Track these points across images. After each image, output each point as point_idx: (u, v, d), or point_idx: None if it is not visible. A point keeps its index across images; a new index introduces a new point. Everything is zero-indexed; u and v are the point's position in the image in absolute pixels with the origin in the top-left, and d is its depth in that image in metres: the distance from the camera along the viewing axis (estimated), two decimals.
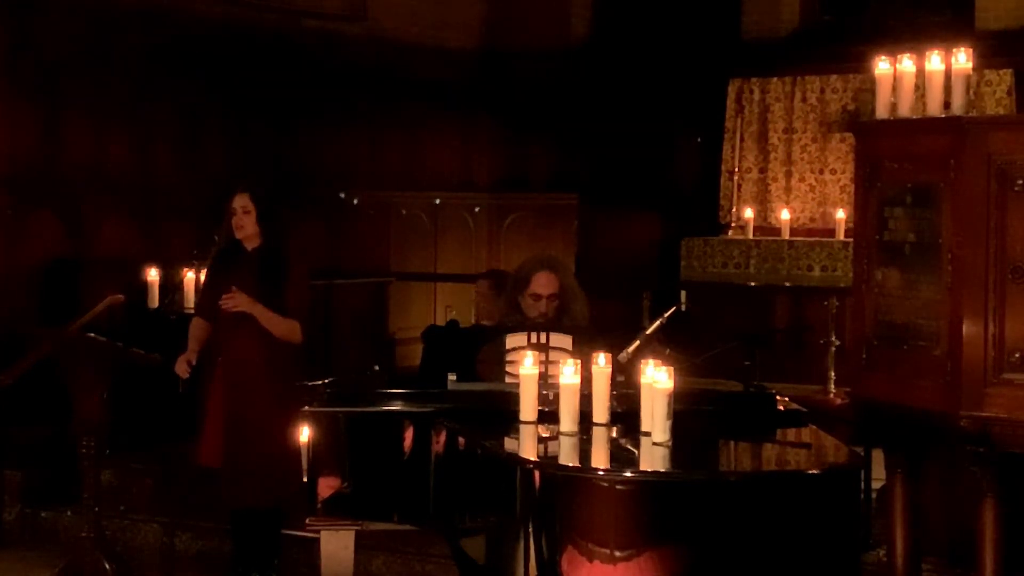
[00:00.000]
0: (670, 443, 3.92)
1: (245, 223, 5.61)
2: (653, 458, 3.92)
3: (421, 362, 7.10)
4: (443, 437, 4.47)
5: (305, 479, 4.81)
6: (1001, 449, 4.14)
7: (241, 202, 5.62)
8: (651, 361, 4.07)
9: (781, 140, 9.57)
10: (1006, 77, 8.91)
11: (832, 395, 8.01)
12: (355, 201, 10.00)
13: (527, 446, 4.13)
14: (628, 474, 3.83)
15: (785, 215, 9.27)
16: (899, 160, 4.48)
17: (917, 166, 4.40)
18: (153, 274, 6.83)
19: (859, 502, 4.02)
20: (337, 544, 4.75)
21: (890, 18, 9.78)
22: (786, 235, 9.13)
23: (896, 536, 4.70)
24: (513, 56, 10.74)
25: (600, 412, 4.15)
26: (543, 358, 4.70)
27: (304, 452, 4.66)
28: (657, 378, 3.96)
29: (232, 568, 5.78)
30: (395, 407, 4.64)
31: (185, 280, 6.61)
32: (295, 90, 9.57)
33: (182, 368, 5.62)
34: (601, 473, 3.84)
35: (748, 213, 9.38)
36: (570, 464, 3.97)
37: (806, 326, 8.75)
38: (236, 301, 5.49)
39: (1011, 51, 8.91)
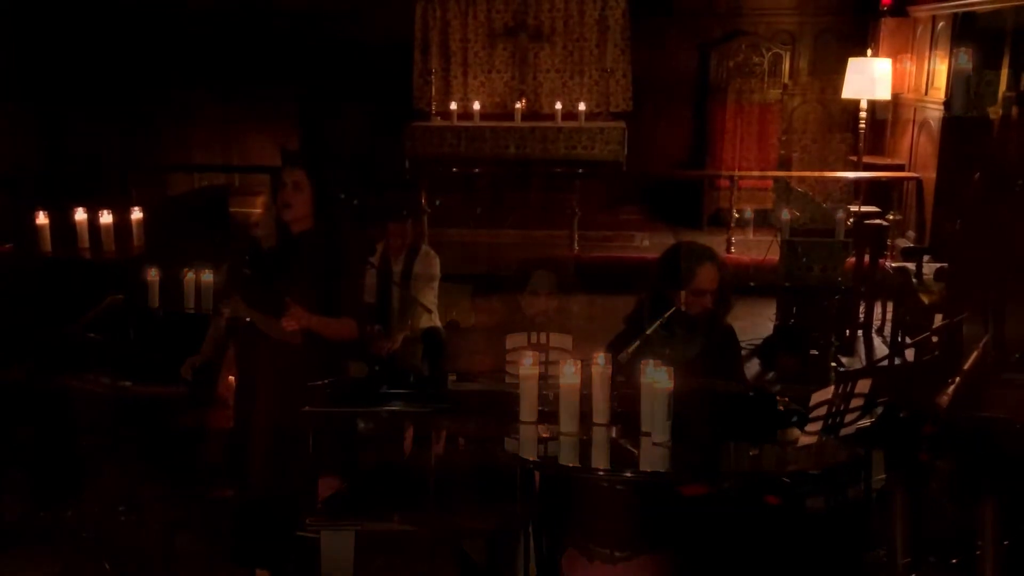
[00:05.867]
0: (670, 443, 3.92)
1: (295, 201, 4.78)
2: (653, 458, 3.92)
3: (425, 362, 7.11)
4: (443, 437, 4.47)
5: (306, 479, 4.82)
6: (1001, 449, 4.14)
7: (293, 176, 4.77)
8: (651, 361, 4.07)
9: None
10: None
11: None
12: (353, 202, 9.98)
13: (527, 446, 4.13)
14: (628, 474, 3.83)
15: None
16: None
17: None
18: (153, 274, 6.82)
19: (859, 502, 4.01)
20: (337, 544, 4.74)
21: None
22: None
23: (896, 536, 4.69)
24: None
25: (600, 412, 4.15)
26: (543, 358, 4.71)
27: (305, 451, 4.66)
28: (657, 378, 3.96)
29: (233, 563, 5.75)
30: (395, 407, 4.64)
31: (185, 280, 6.60)
32: (294, 90, 9.57)
33: (187, 371, 5.35)
34: (601, 473, 3.84)
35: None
36: (570, 464, 3.97)
37: (806, 326, 8.74)
38: (297, 320, 4.69)
39: None
